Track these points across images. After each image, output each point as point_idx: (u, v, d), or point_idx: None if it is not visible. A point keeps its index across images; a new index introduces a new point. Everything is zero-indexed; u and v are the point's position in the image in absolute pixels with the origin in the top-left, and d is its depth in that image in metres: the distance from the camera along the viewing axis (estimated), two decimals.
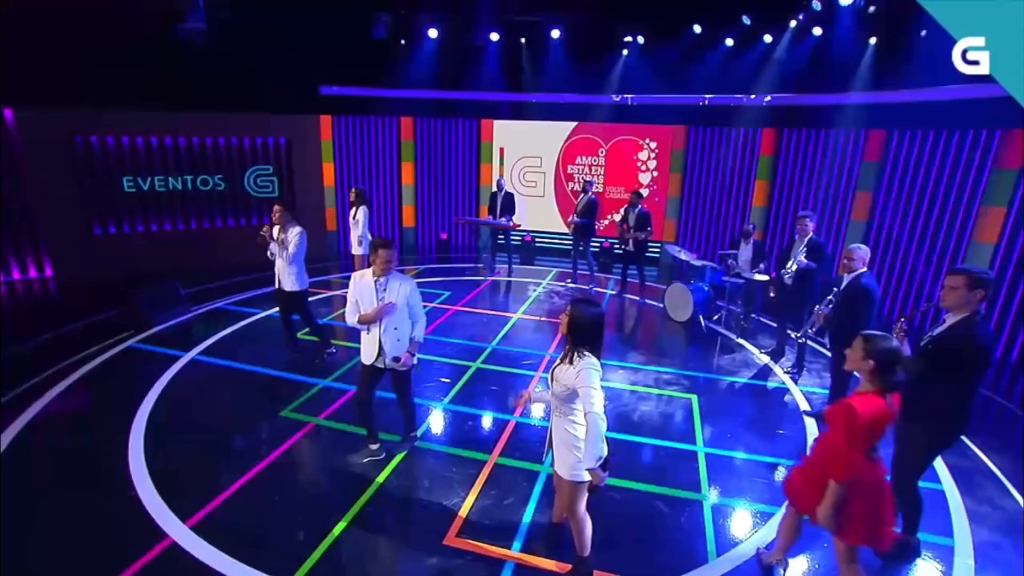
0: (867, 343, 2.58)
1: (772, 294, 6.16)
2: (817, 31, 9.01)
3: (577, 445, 2.71)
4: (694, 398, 5.32)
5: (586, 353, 2.66)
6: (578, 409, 2.70)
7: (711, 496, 3.87)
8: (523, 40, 10.63)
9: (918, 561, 3.33)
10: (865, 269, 4.31)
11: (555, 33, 10.30)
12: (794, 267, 5.74)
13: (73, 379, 5.22)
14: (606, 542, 3.35)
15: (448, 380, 5.49)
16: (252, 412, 4.74)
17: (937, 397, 2.97)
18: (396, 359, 3.84)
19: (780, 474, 4.19)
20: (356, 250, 7.32)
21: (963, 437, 4.62)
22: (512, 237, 9.85)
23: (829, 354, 4.88)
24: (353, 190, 7.29)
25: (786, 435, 4.75)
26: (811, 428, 4.84)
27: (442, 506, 3.64)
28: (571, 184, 11.49)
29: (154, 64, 8.33)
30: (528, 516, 3.59)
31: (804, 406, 5.24)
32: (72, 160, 8.25)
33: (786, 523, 3.13)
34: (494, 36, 10.35)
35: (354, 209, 7.21)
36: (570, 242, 9.28)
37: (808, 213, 5.82)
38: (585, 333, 2.68)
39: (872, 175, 8.59)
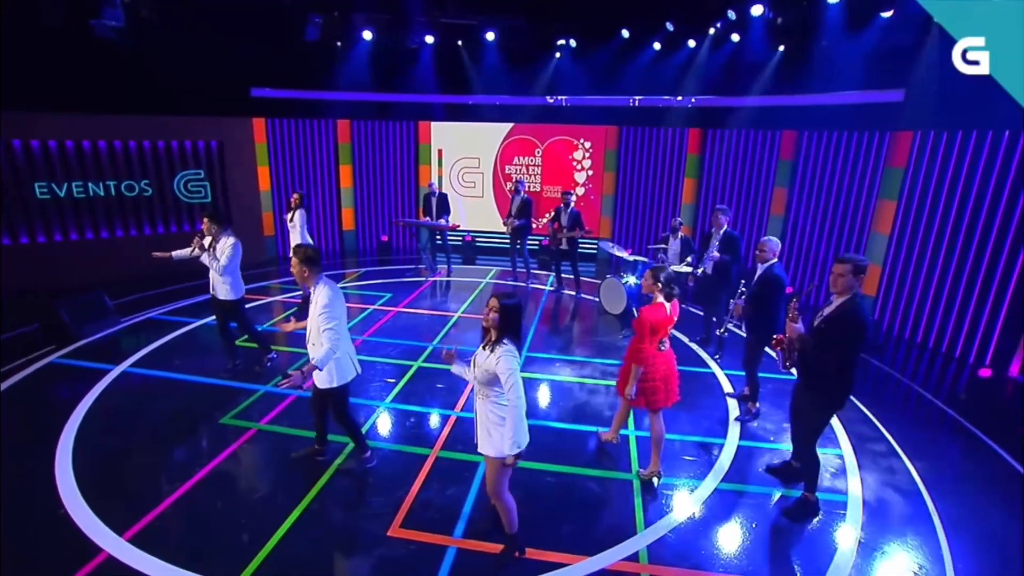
0: (653, 272, 3.87)
1: (691, 283, 6.62)
2: (735, 37, 9.64)
3: (500, 425, 2.93)
4: (614, 384, 5.65)
5: (506, 341, 2.88)
6: (499, 392, 2.94)
7: (639, 475, 4.18)
8: (460, 43, 10.76)
9: (817, 518, 3.75)
10: (776, 260, 4.74)
11: (490, 36, 10.49)
12: (708, 260, 6.20)
13: None
14: (539, 521, 3.59)
15: (392, 380, 5.59)
16: (190, 421, 4.68)
17: (828, 366, 3.37)
18: (286, 376, 3.40)
19: (707, 452, 4.56)
20: None
21: (861, 406, 5.20)
22: (449, 237, 9.96)
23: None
24: (296, 194, 7.24)
25: (711, 416, 5.16)
26: (733, 407, 5.28)
27: (386, 500, 3.77)
28: (509, 184, 11.72)
29: (67, 61, 7.90)
30: (469, 504, 3.78)
31: (728, 388, 5.69)
32: None
33: (619, 411, 4.45)
34: (429, 39, 10.44)
35: (291, 212, 7.15)
36: (509, 241, 9.52)
37: (723, 207, 6.29)
38: (508, 322, 2.90)
39: (787, 172, 9.31)
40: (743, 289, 4.80)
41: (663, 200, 10.99)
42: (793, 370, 3.74)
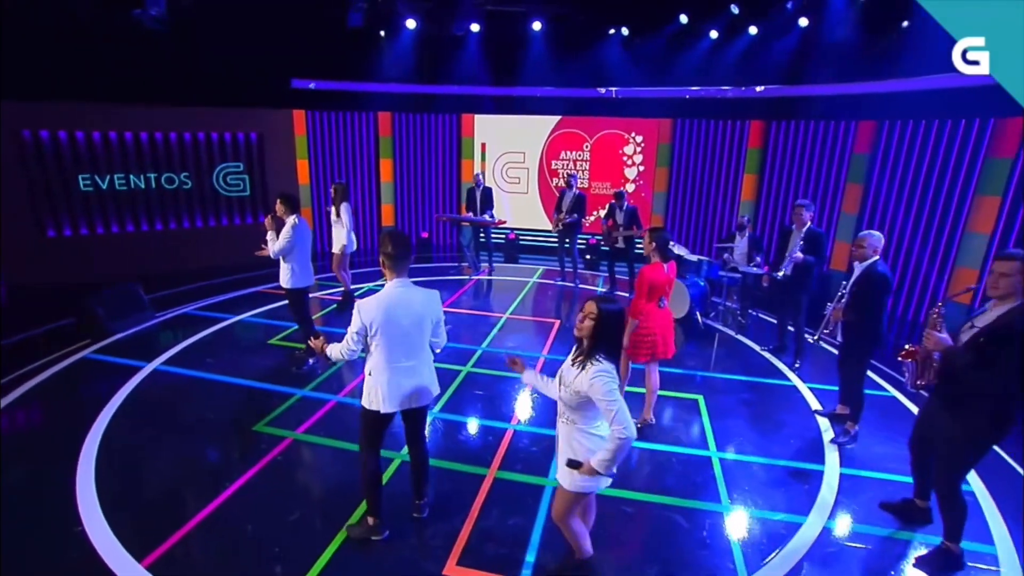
0: (652, 233, 4.18)
1: (765, 283, 5.92)
2: (803, 22, 8.84)
3: (590, 457, 2.38)
4: (700, 399, 5.02)
5: (601, 358, 2.32)
6: (592, 419, 2.41)
7: (731, 507, 3.56)
8: (505, 32, 10.27)
9: (962, 572, 3.06)
10: (878, 257, 4.05)
11: (536, 25, 9.96)
12: (789, 262, 5.50)
13: (18, 394, 4.67)
14: (620, 561, 3.01)
15: None
16: (222, 427, 4.27)
17: (990, 388, 2.71)
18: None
19: (800, 479, 3.90)
20: (336, 248, 6.85)
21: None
22: (493, 234, 9.46)
23: (836, 351, 4.61)
24: (335, 185, 6.85)
25: (799, 437, 4.48)
26: (824, 427, 4.58)
27: (440, 530, 3.25)
28: (555, 180, 11.18)
29: (110, 52, 7.74)
30: (536, 537, 3.22)
31: (815, 405, 4.99)
32: (21, 156, 7.60)
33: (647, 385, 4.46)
34: (475, 27, 9.97)
35: (335, 206, 6.77)
36: (556, 239, 8.96)
37: (805, 202, 5.57)
38: (607, 333, 2.34)
39: (863, 166, 8.46)
40: (843, 292, 4.09)
41: (720, 197, 10.24)
42: (923, 391, 3.06)
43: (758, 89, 9.48)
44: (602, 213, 9.02)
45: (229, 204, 9.30)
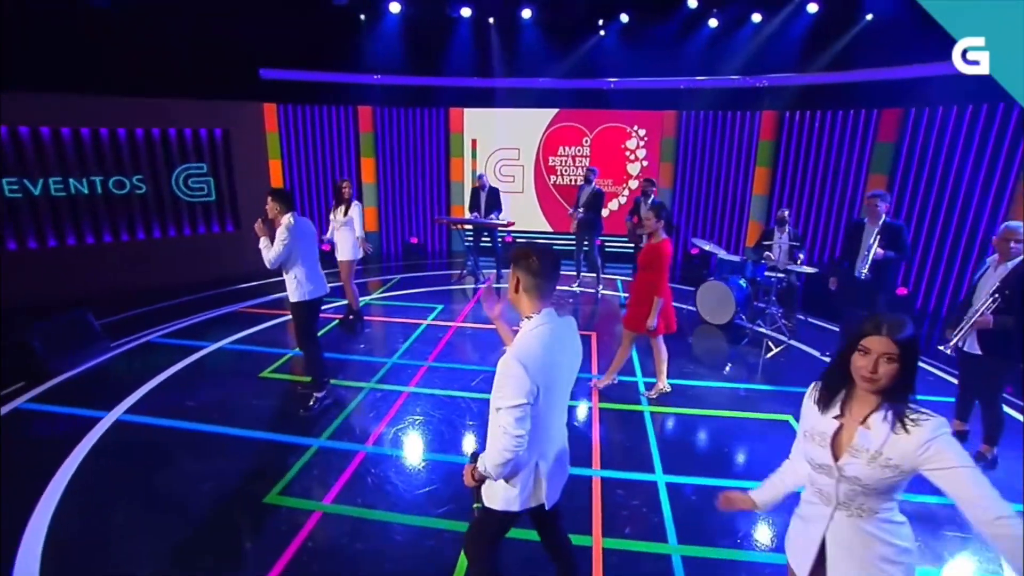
0: (657, 209, 4.26)
1: (832, 286, 5.28)
2: (812, 8, 8.38)
3: (899, 560, 1.55)
4: (790, 419, 4.31)
5: (921, 408, 1.51)
6: (892, 500, 1.57)
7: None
8: (494, 20, 9.42)
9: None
10: None
11: (526, 13, 9.15)
12: (866, 259, 4.87)
13: None
14: None
15: (474, 423, 4.18)
16: (221, 502, 3.23)
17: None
18: (475, 457, 1.98)
19: (946, 525, 3.21)
20: (345, 255, 5.83)
21: None
22: (484, 237, 8.52)
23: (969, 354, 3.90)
24: (340, 182, 5.85)
25: None
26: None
27: None
28: (553, 178, 10.42)
29: (43, 32, 6.44)
30: None
31: None
32: None
33: (620, 351, 4.68)
34: (465, 11, 9.08)
35: (344, 205, 5.75)
36: (559, 241, 8.14)
37: (880, 192, 4.96)
38: (915, 370, 1.52)
39: (888, 156, 8.05)
40: (996, 296, 3.43)
41: (730, 192, 9.70)
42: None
43: (763, 80, 8.95)
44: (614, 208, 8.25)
45: (192, 211, 8.05)
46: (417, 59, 9.53)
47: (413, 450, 3.80)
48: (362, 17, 8.91)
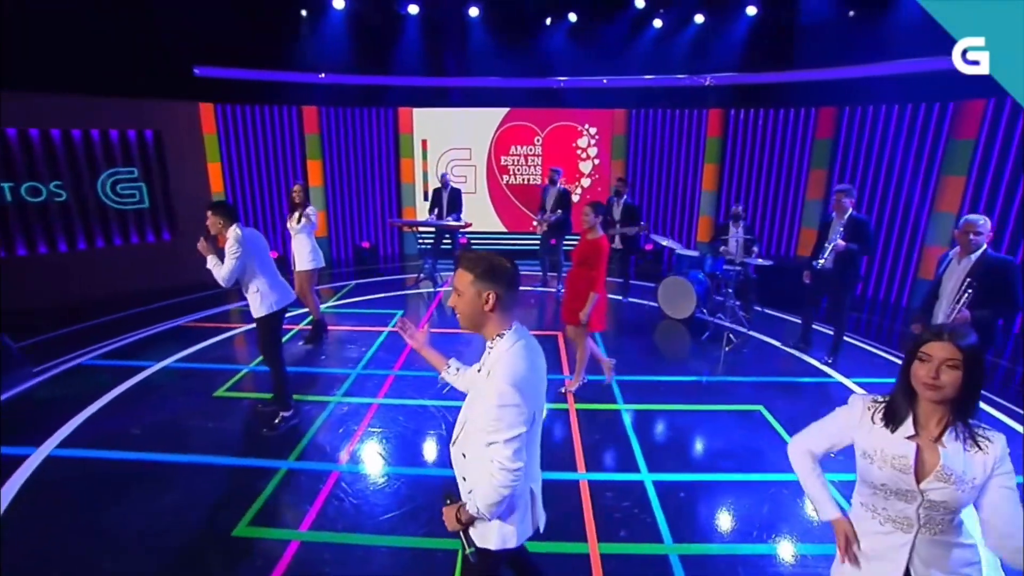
0: (594, 207, 4.33)
1: (807, 280, 5.47)
2: (751, 10, 8.71)
3: (976, 560, 1.54)
4: (761, 408, 4.42)
5: (981, 424, 1.49)
6: (960, 520, 1.55)
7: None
8: (443, 18, 9.24)
9: None
10: (987, 246, 3.63)
11: (473, 11, 9.04)
12: (830, 250, 5.09)
13: None
14: None
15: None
16: (181, 539, 2.93)
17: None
18: (450, 496, 1.85)
19: None
20: (305, 265, 5.50)
21: None
22: (445, 241, 8.33)
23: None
24: (295, 187, 5.51)
25: None
26: None
27: None
28: (506, 177, 10.35)
29: None
30: None
31: None
32: None
33: (579, 351, 4.61)
34: (413, 8, 8.85)
35: (298, 211, 5.42)
36: (515, 241, 8.07)
37: (845, 187, 5.15)
38: (981, 381, 1.47)
39: (826, 152, 8.49)
40: (967, 290, 3.57)
41: (680, 189, 9.96)
42: None
43: (707, 79, 9.23)
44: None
45: (122, 219, 7.41)
46: (364, 57, 9.20)
47: (390, 465, 3.61)
48: (303, 13, 8.50)
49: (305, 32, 8.68)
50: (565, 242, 7.72)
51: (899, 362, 5.33)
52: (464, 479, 1.80)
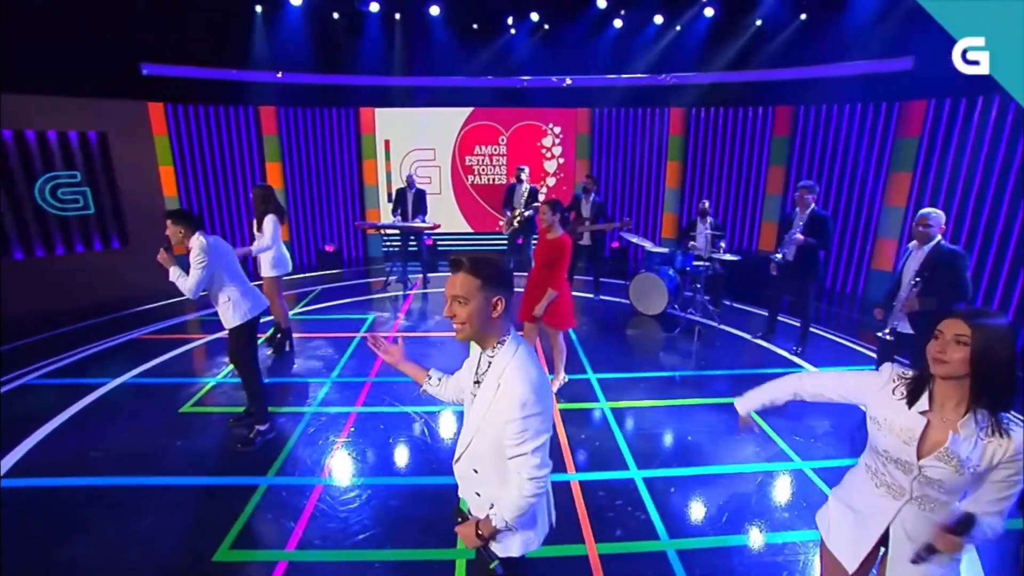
0: (553, 206, 4.20)
1: (774, 271, 5.64)
2: (709, 12, 8.92)
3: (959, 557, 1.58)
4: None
5: (1017, 417, 1.52)
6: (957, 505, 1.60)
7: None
8: (404, 16, 9.07)
9: None
10: (941, 236, 3.84)
11: (434, 10, 8.91)
12: (790, 243, 5.27)
13: None
14: None
15: (430, 438, 3.95)
16: (156, 570, 2.73)
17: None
18: (460, 514, 1.80)
19: None
20: (268, 271, 5.25)
21: None
22: (412, 242, 8.17)
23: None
24: (257, 188, 5.23)
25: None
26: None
27: None
28: (471, 177, 10.27)
29: None
30: None
31: None
32: None
33: (554, 351, 4.59)
34: (374, 6, 8.64)
35: (259, 218, 5.15)
36: (481, 241, 8.00)
37: (808, 183, 5.34)
38: (998, 369, 1.47)
39: (784, 150, 8.80)
40: (918, 279, 3.77)
41: (644, 187, 10.13)
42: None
43: (667, 79, 9.42)
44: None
45: (65, 227, 6.92)
46: (323, 56, 8.93)
47: (376, 476, 3.49)
48: (258, 9, 8.17)
49: (261, 29, 8.34)
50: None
51: (863, 350, 5.61)
52: (478, 495, 1.74)
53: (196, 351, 5.52)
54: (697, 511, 3.19)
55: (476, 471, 1.71)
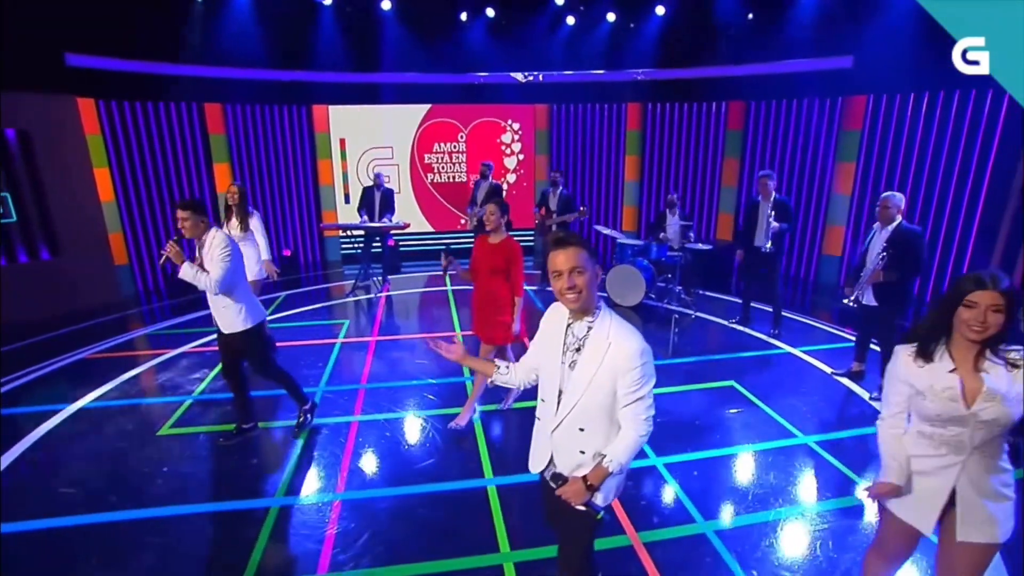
0: (501, 206, 3.69)
1: (739, 259, 5.88)
2: (660, 10, 9.15)
3: (1011, 481, 1.79)
4: (734, 384, 4.65)
5: (1011, 347, 1.73)
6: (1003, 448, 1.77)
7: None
8: (356, 10, 8.73)
9: None
10: (901, 217, 4.15)
11: (386, 4, 8.64)
12: (769, 233, 5.51)
13: None
14: None
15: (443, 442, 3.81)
16: None
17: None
18: (559, 478, 1.87)
19: None
20: (251, 276, 4.86)
21: None
22: (376, 244, 7.88)
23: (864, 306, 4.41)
24: (232, 187, 4.84)
25: (852, 404, 4.38)
26: (857, 389, 4.57)
27: None
28: (431, 176, 10.05)
29: None
30: None
31: (827, 369, 4.98)
32: None
33: (477, 380, 4.01)
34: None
35: (239, 219, 4.77)
36: (444, 240, 7.86)
37: (768, 172, 5.62)
38: (1017, 312, 1.68)
39: (737, 143, 9.18)
40: (883, 255, 4.08)
41: (604, 181, 10.29)
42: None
43: (639, 73, 9.61)
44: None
45: None
46: (273, 51, 8.43)
47: (396, 485, 3.30)
48: None
49: (202, 20, 7.76)
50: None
51: (832, 330, 5.94)
52: (582, 452, 1.83)
53: (158, 368, 5.04)
54: (723, 492, 3.24)
55: (582, 429, 1.81)
